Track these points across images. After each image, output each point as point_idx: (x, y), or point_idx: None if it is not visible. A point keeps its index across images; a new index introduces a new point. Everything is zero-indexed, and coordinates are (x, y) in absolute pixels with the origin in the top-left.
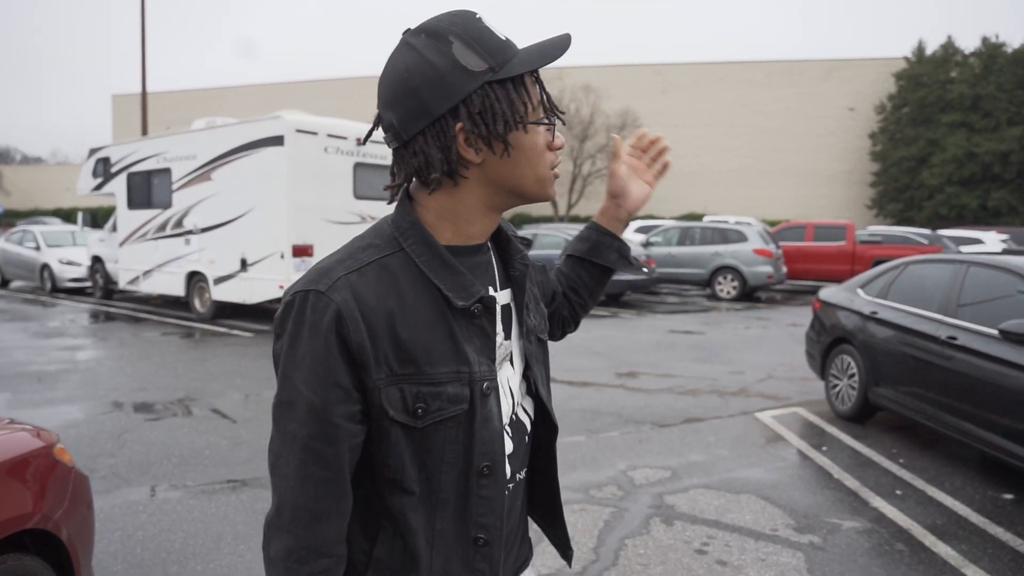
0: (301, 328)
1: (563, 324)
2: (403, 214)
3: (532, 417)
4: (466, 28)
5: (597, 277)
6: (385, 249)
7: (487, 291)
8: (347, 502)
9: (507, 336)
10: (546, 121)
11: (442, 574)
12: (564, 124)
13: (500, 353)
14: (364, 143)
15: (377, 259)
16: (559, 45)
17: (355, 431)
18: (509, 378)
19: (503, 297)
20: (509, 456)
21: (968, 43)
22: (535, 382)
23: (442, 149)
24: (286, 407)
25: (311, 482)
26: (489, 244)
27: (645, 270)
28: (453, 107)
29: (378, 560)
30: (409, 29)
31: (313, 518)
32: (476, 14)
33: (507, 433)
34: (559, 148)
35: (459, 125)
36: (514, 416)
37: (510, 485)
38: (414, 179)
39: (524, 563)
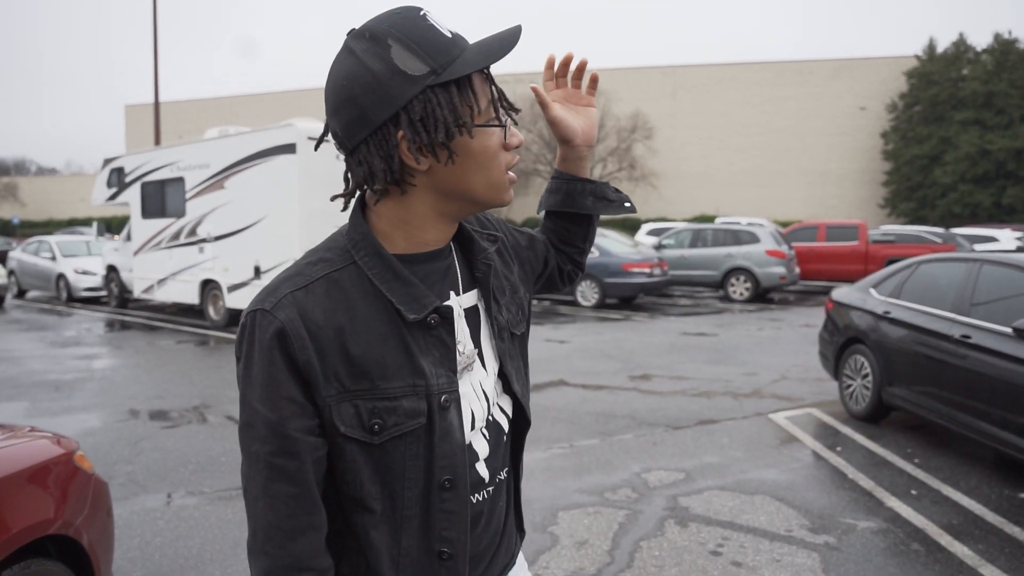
0: (252, 348)
1: (568, 276)
2: (355, 225)
3: (510, 415)
4: (407, 28)
5: (583, 224)
6: (336, 263)
7: (443, 300)
8: (319, 515)
9: (476, 338)
10: (496, 123)
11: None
12: (516, 123)
13: (462, 362)
14: (316, 149)
15: (326, 274)
16: (506, 40)
17: (316, 444)
18: (482, 381)
19: (469, 299)
20: (486, 459)
21: (980, 40)
22: (510, 379)
23: (384, 158)
24: (247, 428)
25: (279, 500)
26: (452, 246)
27: (628, 204)
28: (393, 115)
29: None
30: (353, 30)
31: (287, 536)
32: (421, 10)
33: (484, 436)
34: (515, 147)
35: (400, 133)
36: (490, 417)
37: (489, 488)
38: (364, 187)
39: (512, 559)
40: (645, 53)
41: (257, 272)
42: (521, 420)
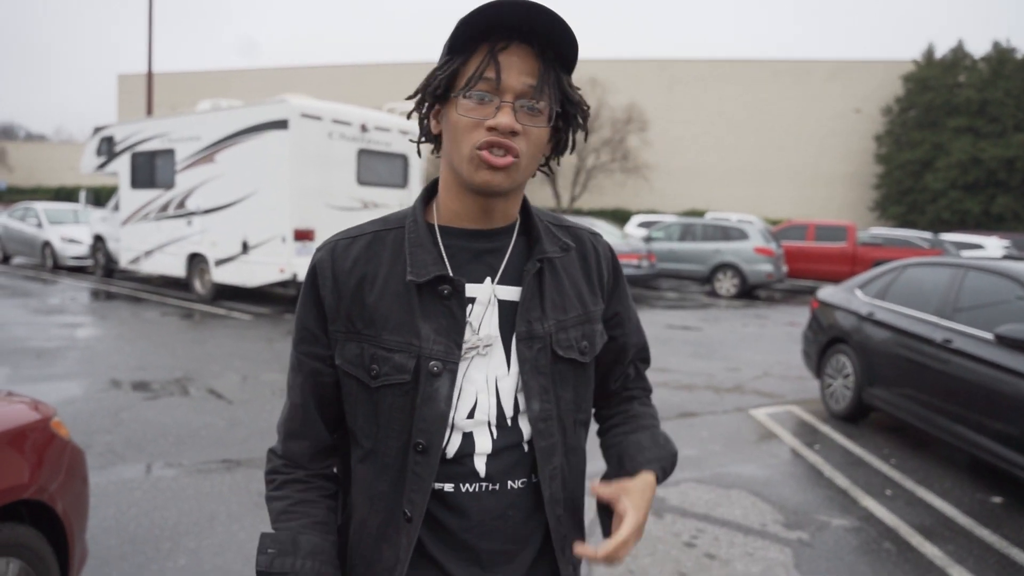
0: (305, 279)
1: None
2: (420, 195)
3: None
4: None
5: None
6: (391, 223)
7: (473, 279)
8: (314, 428)
9: (506, 333)
10: (471, 95)
11: (377, 535)
12: (501, 101)
13: (472, 342)
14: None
15: (376, 231)
16: (481, 9)
17: (318, 369)
18: (498, 376)
19: (509, 292)
20: (488, 456)
21: (979, 47)
22: (529, 394)
23: (421, 120)
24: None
25: (288, 404)
26: (514, 237)
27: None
28: (428, 81)
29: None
30: None
31: (288, 435)
32: None
33: (490, 432)
34: (494, 128)
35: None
36: (509, 419)
37: (490, 487)
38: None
39: None
40: (642, 45)
41: (245, 247)
42: (544, 442)
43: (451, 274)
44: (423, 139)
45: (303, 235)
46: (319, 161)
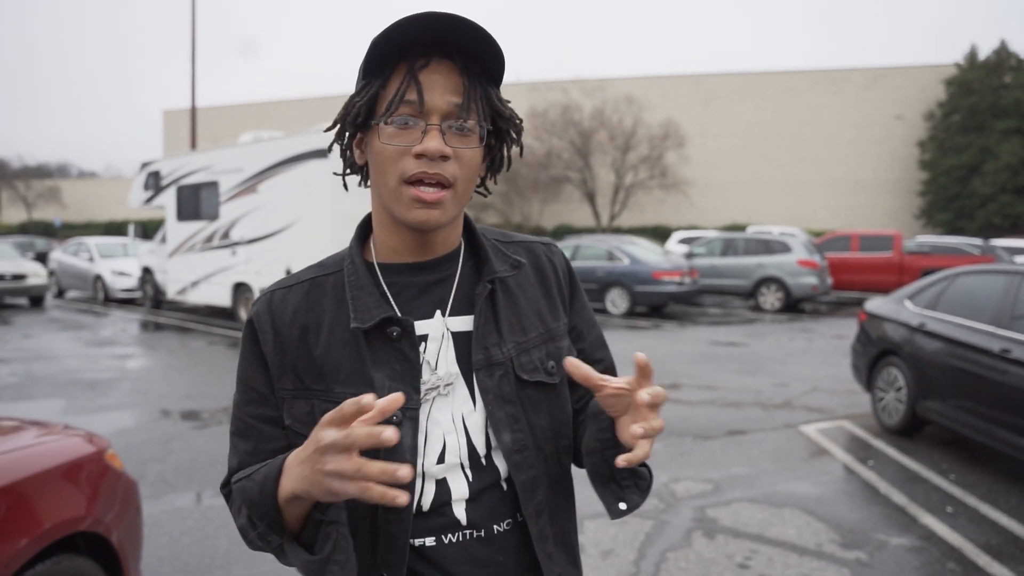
0: (242, 336)
1: None
2: (356, 233)
3: (505, 466)
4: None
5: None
6: (328, 268)
7: (423, 316)
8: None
9: (466, 366)
10: (393, 120)
11: None
12: (427, 124)
13: (431, 382)
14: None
15: (312, 278)
16: (399, 23)
17: (268, 433)
18: (465, 414)
19: (462, 323)
20: (467, 501)
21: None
22: (498, 426)
23: (344, 148)
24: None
25: (232, 465)
26: (460, 262)
27: (622, 507)
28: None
29: None
30: None
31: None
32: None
33: (464, 475)
34: (422, 155)
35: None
36: (483, 457)
37: (474, 533)
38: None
39: None
40: (677, 62)
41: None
42: (523, 476)
43: (398, 314)
44: (348, 171)
45: None
46: (360, 188)
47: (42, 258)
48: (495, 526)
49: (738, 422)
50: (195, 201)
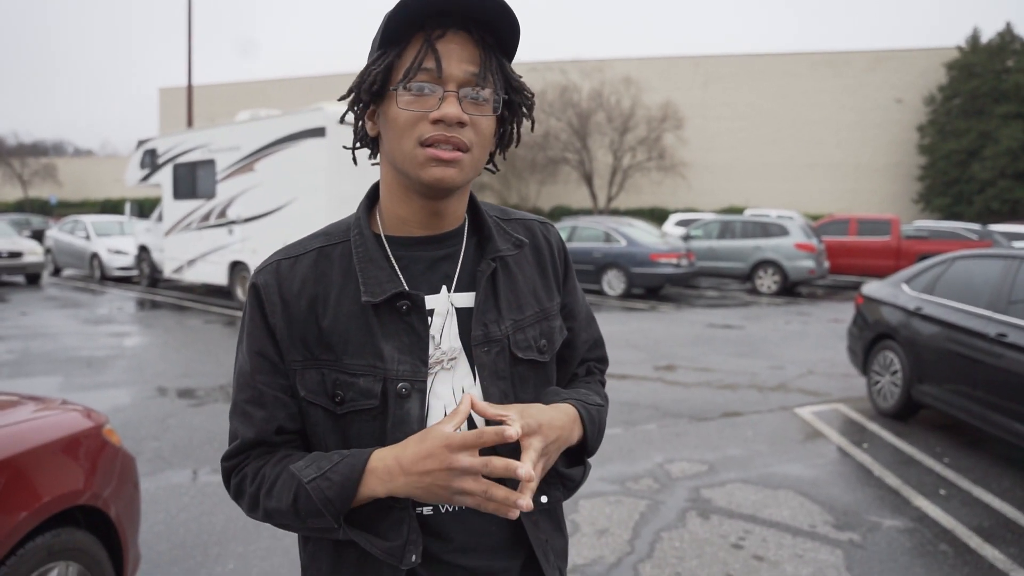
0: (245, 305)
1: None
2: (361, 203)
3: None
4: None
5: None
6: (334, 238)
7: (430, 291)
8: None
9: (467, 341)
10: (410, 86)
11: (357, 567)
12: (445, 90)
13: (437, 356)
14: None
15: (320, 247)
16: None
17: (284, 401)
18: (465, 388)
19: (465, 299)
20: None
21: None
22: (490, 402)
23: (357, 121)
24: (235, 373)
25: (248, 436)
26: (464, 238)
27: (544, 500)
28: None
29: (314, 538)
30: None
31: (239, 433)
32: None
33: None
34: (439, 121)
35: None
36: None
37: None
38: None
39: None
40: (676, 43)
41: None
42: (507, 449)
43: (407, 289)
44: (358, 145)
45: None
46: (357, 167)
47: (38, 236)
48: None
49: (733, 404)
50: (192, 179)
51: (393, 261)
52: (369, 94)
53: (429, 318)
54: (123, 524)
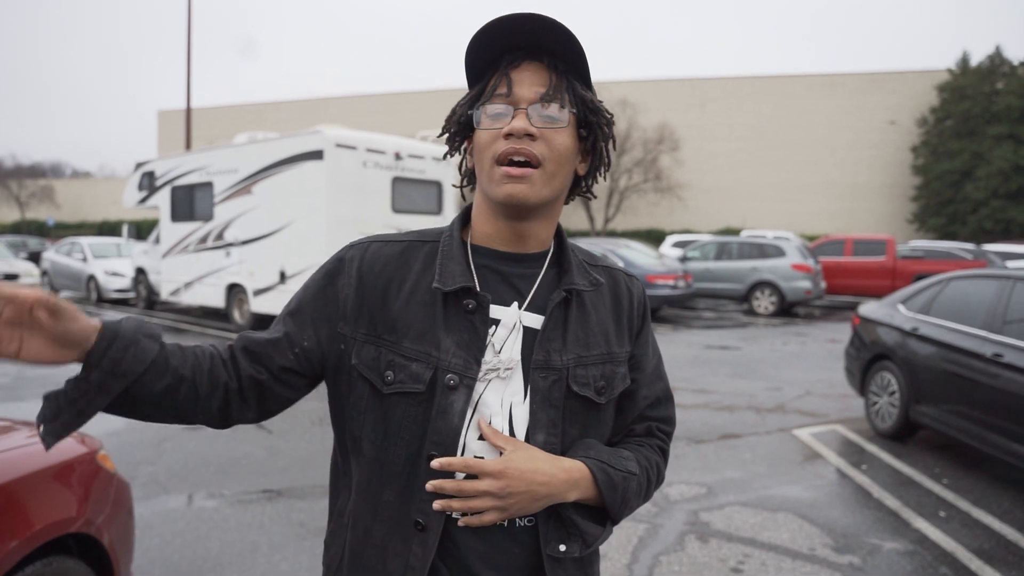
0: (326, 266)
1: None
2: (457, 217)
3: None
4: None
5: None
6: (427, 236)
7: (499, 302)
8: (200, 363)
9: (527, 361)
10: (488, 109)
11: (382, 545)
12: (516, 109)
13: (492, 363)
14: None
15: (412, 240)
16: (485, 27)
17: (284, 349)
18: (513, 402)
19: (534, 319)
20: None
21: (1017, 53)
22: (536, 425)
23: (459, 152)
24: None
25: (271, 333)
26: (544, 265)
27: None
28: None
29: (338, 512)
30: None
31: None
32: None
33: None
34: (508, 134)
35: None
36: None
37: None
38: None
39: None
40: (673, 65)
41: (283, 277)
42: None
43: (478, 288)
44: (465, 182)
45: None
46: (354, 190)
47: (35, 258)
48: (517, 520)
49: (731, 426)
50: (189, 202)
51: (471, 263)
52: (457, 125)
53: (494, 327)
54: (116, 551)
